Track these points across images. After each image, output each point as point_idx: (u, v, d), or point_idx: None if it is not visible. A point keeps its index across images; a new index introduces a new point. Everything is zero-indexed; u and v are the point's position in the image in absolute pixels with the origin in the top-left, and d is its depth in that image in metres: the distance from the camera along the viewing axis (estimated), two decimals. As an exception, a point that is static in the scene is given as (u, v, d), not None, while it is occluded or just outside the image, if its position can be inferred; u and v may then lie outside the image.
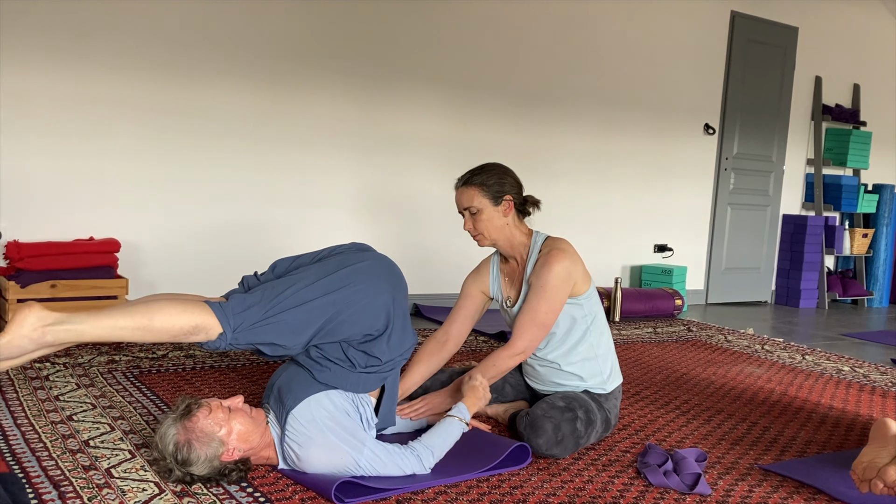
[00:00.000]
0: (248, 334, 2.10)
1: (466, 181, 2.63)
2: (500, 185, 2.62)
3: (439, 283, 5.18)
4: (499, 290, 2.78)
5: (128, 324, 2.00)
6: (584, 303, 2.64)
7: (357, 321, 2.21)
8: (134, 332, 2.00)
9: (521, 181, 2.71)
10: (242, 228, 4.52)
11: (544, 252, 2.62)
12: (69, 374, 3.09)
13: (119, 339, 2.03)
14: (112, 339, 2.04)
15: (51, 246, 3.80)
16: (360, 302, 2.21)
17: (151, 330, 2.01)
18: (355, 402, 2.30)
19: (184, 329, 2.03)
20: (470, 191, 2.62)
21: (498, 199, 2.61)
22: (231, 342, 2.09)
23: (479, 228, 2.63)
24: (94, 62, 4.04)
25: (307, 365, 2.28)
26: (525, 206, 2.70)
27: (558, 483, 2.29)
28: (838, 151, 6.97)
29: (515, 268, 2.73)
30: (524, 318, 2.58)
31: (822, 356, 4.46)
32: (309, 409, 2.18)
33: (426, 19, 5.01)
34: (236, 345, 2.11)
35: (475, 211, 2.61)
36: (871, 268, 7.24)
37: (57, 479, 2.08)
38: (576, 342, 2.64)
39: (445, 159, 5.16)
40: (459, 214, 2.69)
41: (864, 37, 7.14)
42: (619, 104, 5.86)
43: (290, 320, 2.13)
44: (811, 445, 2.82)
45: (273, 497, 2.06)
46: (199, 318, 2.05)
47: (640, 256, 6.15)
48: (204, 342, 2.08)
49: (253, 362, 3.50)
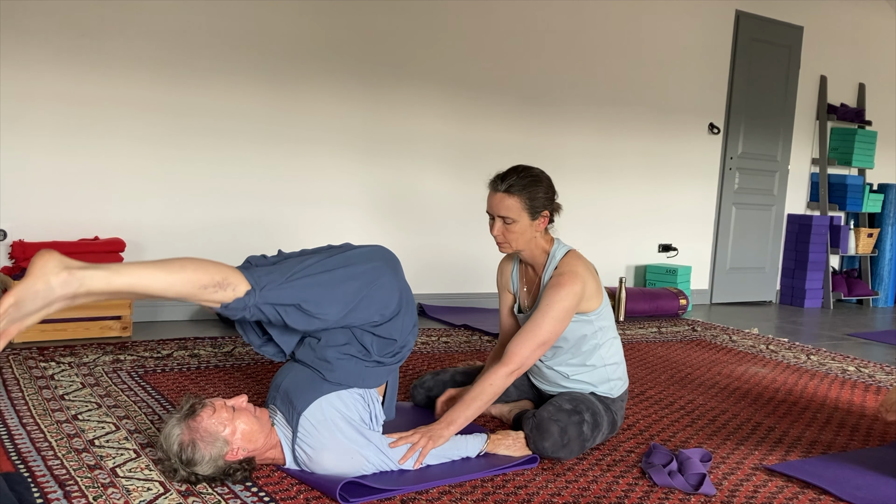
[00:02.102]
0: (276, 292, 2.07)
1: (510, 189, 2.47)
2: (542, 200, 2.50)
3: (444, 282, 5.18)
4: (517, 291, 2.75)
5: (154, 272, 1.92)
6: (594, 319, 2.60)
7: (377, 298, 2.24)
8: (160, 279, 1.92)
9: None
10: (248, 227, 4.53)
11: (559, 271, 2.53)
12: (74, 374, 3.10)
13: (143, 291, 1.93)
14: (136, 291, 1.92)
15: (56, 245, 3.80)
16: (379, 280, 2.25)
17: (179, 278, 1.93)
18: (366, 398, 2.32)
19: (213, 279, 1.98)
20: (511, 200, 2.47)
21: (536, 213, 2.50)
22: (258, 301, 2.05)
23: (508, 238, 2.52)
24: (98, 61, 4.05)
25: (317, 366, 2.28)
26: (553, 214, 2.60)
27: (563, 483, 2.29)
28: (843, 151, 6.95)
29: (533, 277, 2.69)
30: (525, 335, 2.47)
31: (827, 356, 4.45)
32: (321, 409, 2.19)
33: (432, 19, 5.00)
34: (261, 307, 2.07)
35: (510, 221, 2.49)
36: (876, 267, 7.22)
37: (62, 479, 2.08)
38: (585, 355, 2.62)
39: (451, 159, 5.16)
40: (487, 214, 2.57)
41: (870, 36, 7.13)
42: (624, 103, 5.85)
43: (317, 281, 2.13)
44: (816, 445, 2.81)
45: (278, 497, 2.06)
46: (228, 273, 2.02)
47: (645, 256, 6.14)
48: (230, 301, 2.03)
49: (257, 362, 3.50)
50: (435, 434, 2.33)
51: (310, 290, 2.12)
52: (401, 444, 2.28)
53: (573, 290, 2.48)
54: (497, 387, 2.44)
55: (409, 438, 2.31)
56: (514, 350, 2.46)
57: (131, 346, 3.60)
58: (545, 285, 2.56)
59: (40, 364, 3.20)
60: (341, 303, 2.18)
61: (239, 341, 3.84)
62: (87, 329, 3.78)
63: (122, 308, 3.87)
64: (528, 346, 2.46)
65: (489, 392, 2.43)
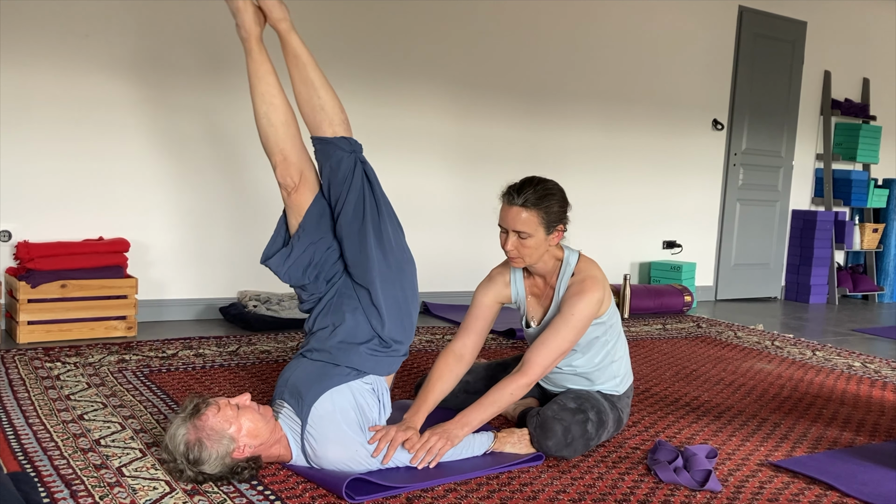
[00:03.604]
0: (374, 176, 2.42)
1: (525, 203, 2.39)
2: (558, 214, 2.44)
3: (448, 281, 5.18)
4: (523, 302, 2.66)
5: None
6: (605, 321, 2.58)
7: (410, 276, 2.52)
8: None
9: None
10: (252, 227, 4.53)
11: (578, 278, 2.50)
12: (80, 374, 3.10)
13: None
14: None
15: (60, 246, 3.81)
16: (413, 268, 2.56)
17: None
18: (377, 389, 2.37)
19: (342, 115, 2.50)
20: (528, 215, 2.40)
21: (552, 228, 2.44)
22: (360, 155, 2.43)
23: (522, 253, 2.45)
24: (101, 62, 4.05)
25: (329, 358, 2.36)
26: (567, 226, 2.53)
27: (568, 480, 2.29)
28: (848, 146, 6.93)
29: (543, 287, 2.62)
30: (546, 344, 2.43)
31: (833, 352, 4.44)
32: (331, 400, 2.23)
33: (434, 17, 5.00)
34: (364, 163, 2.43)
35: (525, 236, 2.42)
36: (881, 263, 7.20)
37: (69, 478, 2.09)
38: (592, 355, 2.61)
39: (454, 156, 5.16)
40: (498, 227, 2.48)
41: (873, 31, 7.10)
42: (627, 100, 5.85)
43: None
44: (822, 441, 2.81)
45: (284, 495, 2.06)
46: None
47: (649, 253, 6.14)
48: (340, 135, 2.44)
49: (262, 361, 3.51)
50: (451, 435, 2.33)
51: (393, 216, 2.49)
52: (382, 444, 2.21)
53: (595, 297, 2.45)
54: (515, 396, 2.43)
55: (423, 440, 2.29)
56: (534, 360, 2.43)
57: (136, 345, 3.61)
58: (562, 293, 2.52)
59: (46, 364, 3.21)
60: (401, 247, 2.49)
61: (243, 340, 3.85)
62: (93, 329, 3.79)
63: (127, 308, 3.87)
64: (549, 356, 2.43)
65: (506, 400, 2.42)
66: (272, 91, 2.40)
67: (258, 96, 2.41)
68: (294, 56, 2.43)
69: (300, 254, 2.43)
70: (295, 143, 2.43)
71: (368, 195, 2.41)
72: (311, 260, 2.44)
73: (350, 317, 2.41)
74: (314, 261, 2.44)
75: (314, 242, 2.43)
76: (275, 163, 2.44)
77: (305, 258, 2.44)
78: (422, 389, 2.49)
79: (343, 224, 2.40)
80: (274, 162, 2.44)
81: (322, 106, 2.41)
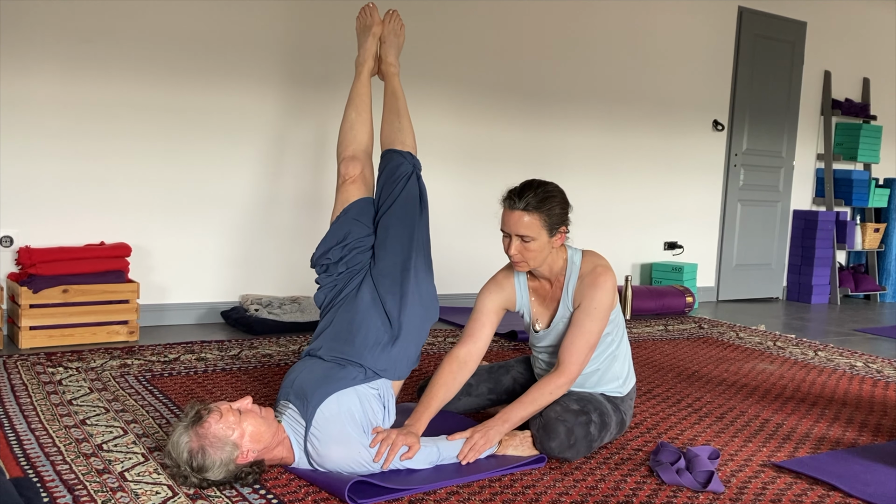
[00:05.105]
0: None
1: (527, 207, 2.39)
2: (559, 216, 2.44)
3: (452, 284, 5.18)
4: (527, 308, 2.65)
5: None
6: (613, 317, 2.58)
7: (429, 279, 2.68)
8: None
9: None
10: (253, 231, 4.53)
11: (587, 271, 2.51)
12: (82, 379, 3.11)
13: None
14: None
15: (62, 251, 3.82)
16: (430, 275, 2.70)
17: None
18: (382, 395, 2.39)
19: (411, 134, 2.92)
20: (531, 218, 2.40)
21: (554, 230, 2.44)
22: (417, 167, 2.74)
23: (526, 257, 2.45)
24: (102, 66, 4.06)
25: (341, 355, 2.41)
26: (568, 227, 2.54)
27: (570, 482, 2.29)
28: (848, 146, 6.93)
29: (548, 289, 2.61)
30: (578, 343, 2.44)
31: (835, 352, 4.44)
32: (337, 402, 2.25)
33: (433, 17, 5.00)
34: (419, 172, 2.73)
35: (528, 240, 2.42)
36: (883, 262, 7.20)
37: (71, 483, 2.09)
38: (598, 353, 2.60)
39: (455, 159, 5.16)
40: (501, 231, 2.47)
41: (873, 30, 7.11)
42: (627, 101, 5.85)
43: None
44: (825, 442, 2.81)
45: (286, 499, 2.06)
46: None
47: (651, 254, 6.14)
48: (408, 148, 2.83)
49: (264, 364, 3.51)
50: (493, 433, 2.37)
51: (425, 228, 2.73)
52: (383, 448, 2.23)
53: (610, 284, 2.48)
54: (554, 395, 2.45)
55: (469, 438, 2.35)
56: (569, 359, 2.44)
57: (138, 350, 3.61)
58: (574, 289, 2.52)
59: (48, 369, 3.21)
60: (428, 244, 2.71)
61: (245, 344, 3.85)
62: (94, 334, 3.79)
63: (129, 313, 3.88)
64: (582, 352, 2.45)
65: (545, 400, 2.45)
66: (363, 107, 2.88)
67: (353, 106, 2.87)
68: (392, 93, 2.98)
69: (339, 225, 2.65)
70: (367, 151, 2.83)
71: (419, 201, 2.70)
72: (347, 236, 2.61)
73: (366, 314, 2.49)
74: (348, 240, 2.62)
75: (357, 219, 2.65)
76: (343, 157, 2.78)
77: (342, 231, 2.63)
78: (424, 395, 2.48)
79: (390, 215, 2.65)
80: (343, 157, 2.78)
81: (401, 128, 2.86)
